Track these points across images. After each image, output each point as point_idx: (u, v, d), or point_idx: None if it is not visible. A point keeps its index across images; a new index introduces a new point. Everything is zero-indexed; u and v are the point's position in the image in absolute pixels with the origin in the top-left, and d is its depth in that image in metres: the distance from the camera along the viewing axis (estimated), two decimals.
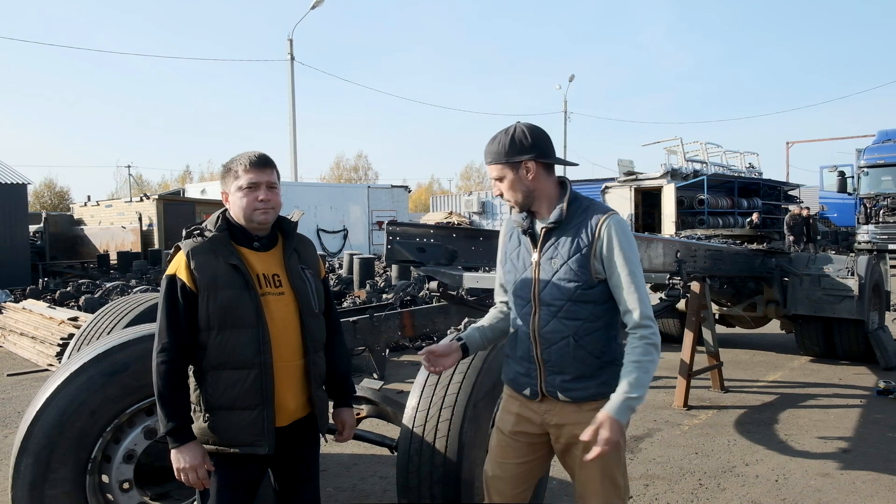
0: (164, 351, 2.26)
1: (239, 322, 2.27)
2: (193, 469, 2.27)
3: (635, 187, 19.75)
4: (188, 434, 2.29)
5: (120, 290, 11.88)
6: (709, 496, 4.22)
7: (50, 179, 57.99)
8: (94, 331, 4.42)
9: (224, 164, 2.44)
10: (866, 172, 13.98)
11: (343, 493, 4.31)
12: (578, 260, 2.29)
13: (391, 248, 4.63)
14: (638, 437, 5.34)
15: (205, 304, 2.27)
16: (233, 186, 2.35)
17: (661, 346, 2.37)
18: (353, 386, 2.75)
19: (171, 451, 2.28)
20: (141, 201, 21.70)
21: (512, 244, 2.50)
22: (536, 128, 2.37)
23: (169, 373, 2.26)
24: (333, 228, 25.70)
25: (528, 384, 2.41)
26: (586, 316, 2.30)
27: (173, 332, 2.26)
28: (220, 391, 2.28)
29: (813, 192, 27.51)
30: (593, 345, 2.31)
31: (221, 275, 2.28)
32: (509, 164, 2.34)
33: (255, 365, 2.28)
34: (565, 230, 2.33)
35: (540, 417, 2.42)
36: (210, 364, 2.29)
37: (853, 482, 4.43)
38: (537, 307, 2.36)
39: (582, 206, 2.37)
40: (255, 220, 2.35)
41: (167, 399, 2.27)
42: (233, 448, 2.31)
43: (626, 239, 2.28)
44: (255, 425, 2.29)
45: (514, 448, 2.48)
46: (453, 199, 37.73)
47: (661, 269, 5.74)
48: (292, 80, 25.32)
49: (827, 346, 7.94)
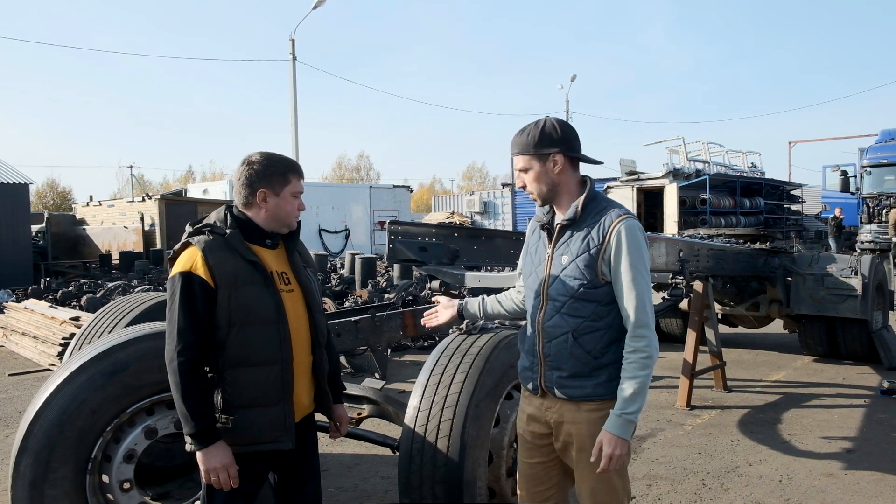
0: (186, 350, 2.22)
1: (261, 318, 2.29)
2: (225, 468, 2.24)
3: (637, 187, 19.71)
4: (215, 434, 2.25)
5: (122, 289, 11.87)
6: (712, 496, 4.20)
7: (52, 179, 58.17)
8: (95, 330, 4.41)
9: (253, 160, 2.38)
10: (869, 172, 13.94)
11: (345, 493, 4.30)
12: (586, 259, 2.30)
13: (393, 248, 4.62)
14: (641, 437, 5.32)
15: (225, 302, 2.25)
16: (284, 190, 2.40)
17: (665, 346, 2.40)
18: (342, 383, 2.83)
19: (198, 452, 2.24)
20: (143, 201, 21.70)
21: (533, 238, 2.54)
22: (566, 123, 2.43)
23: (192, 372, 2.23)
24: (335, 228, 25.71)
25: (531, 378, 2.45)
26: (587, 314, 2.31)
27: (195, 330, 2.23)
28: (241, 389, 2.27)
29: (816, 192, 27.47)
30: (592, 344, 2.31)
31: (241, 272, 2.28)
32: (537, 156, 2.36)
33: (276, 361, 2.30)
34: (579, 228, 2.34)
35: (543, 415, 2.44)
36: (229, 362, 2.27)
37: (857, 482, 4.40)
38: (545, 301, 2.39)
39: (599, 205, 2.36)
40: (292, 224, 2.47)
41: (192, 399, 2.22)
42: (256, 446, 2.30)
43: (635, 245, 2.27)
44: (277, 421, 2.30)
45: (529, 448, 2.52)
46: (455, 199, 37.76)
47: (663, 268, 5.73)
48: (294, 79, 25.30)
49: (830, 346, 7.91)
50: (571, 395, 2.34)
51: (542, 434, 2.47)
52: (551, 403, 2.41)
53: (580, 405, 2.34)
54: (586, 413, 2.33)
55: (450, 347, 3.22)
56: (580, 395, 2.33)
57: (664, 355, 8.27)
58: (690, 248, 6.15)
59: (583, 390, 2.32)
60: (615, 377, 2.29)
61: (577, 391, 2.33)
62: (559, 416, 2.39)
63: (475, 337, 3.25)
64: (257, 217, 2.40)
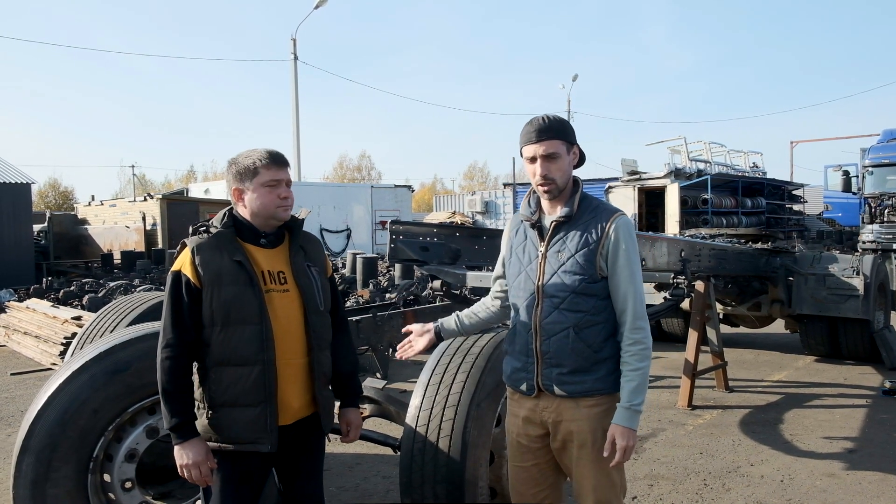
0: (168, 347, 2.26)
1: (242, 318, 2.26)
2: (196, 466, 2.25)
3: (639, 187, 19.71)
4: (192, 430, 2.28)
5: (123, 289, 11.88)
6: (714, 496, 4.20)
7: (54, 179, 58.13)
8: (97, 329, 4.42)
9: (232, 160, 2.40)
10: (871, 172, 13.88)
11: (346, 492, 4.30)
12: (585, 254, 2.32)
13: (394, 247, 4.63)
14: (642, 437, 5.32)
15: (209, 301, 2.26)
16: (253, 183, 2.34)
17: (666, 346, 2.43)
18: (359, 385, 2.73)
19: (175, 447, 2.27)
20: (144, 201, 21.72)
21: (518, 238, 2.50)
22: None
23: (173, 369, 2.26)
24: (337, 228, 25.70)
25: (525, 379, 2.42)
26: (588, 309, 2.33)
27: (178, 328, 2.26)
28: (223, 388, 2.28)
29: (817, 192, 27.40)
30: (592, 338, 2.33)
31: (225, 271, 2.27)
32: (567, 144, 2.37)
33: (257, 362, 2.27)
34: (575, 225, 2.36)
35: (538, 416, 2.43)
36: (213, 360, 2.29)
37: (859, 482, 4.40)
38: (540, 299, 2.37)
39: (591, 204, 2.41)
40: (279, 217, 2.37)
41: (171, 395, 2.26)
42: (235, 445, 2.30)
43: (631, 241, 2.34)
44: (257, 422, 2.27)
45: (523, 452, 2.50)
46: (456, 198, 37.71)
47: (665, 268, 5.72)
48: (296, 79, 25.35)
49: (832, 346, 7.90)
50: (571, 391, 2.34)
51: (538, 436, 2.46)
52: (548, 403, 2.40)
53: (579, 402, 2.35)
54: (585, 409, 2.34)
55: (451, 347, 3.22)
56: (580, 390, 2.33)
57: (666, 355, 8.26)
58: (692, 248, 6.15)
59: (583, 385, 2.33)
60: (613, 371, 2.34)
61: (577, 387, 2.33)
62: (557, 415, 2.38)
63: (476, 337, 3.24)
64: (245, 215, 2.38)
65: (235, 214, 2.40)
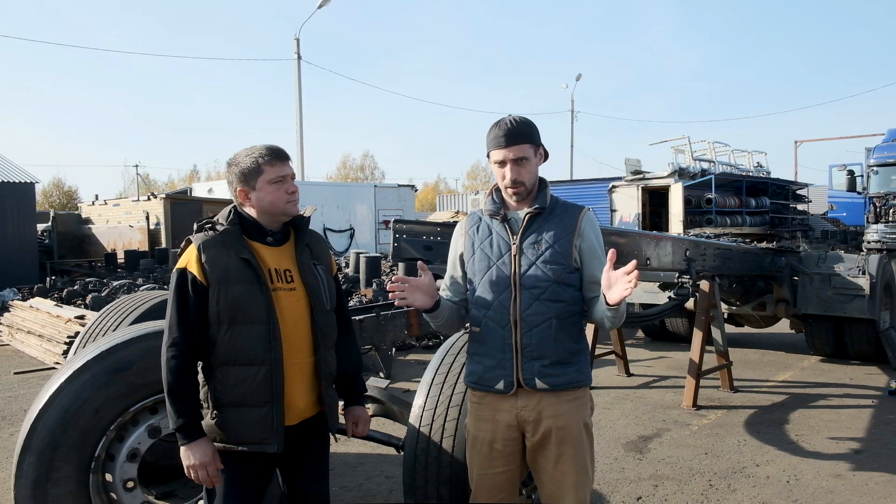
0: (174, 346, 2.22)
1: (249, 318, 2.24)
2: (203, 466, 2.22)
3: (642, 186, 19.65)
4: (198, 430, 2.24)
5: (127, 288, 11.89)
6: (719, 497, 4.17)
7: (58, 179, 58.19)
8: (100, 328, 4.41)
9: (232, 160, 2.37)
10: (876, 171, 13.81)
11: (349, 492, 4.29)
12: (563, 245, 2.36)
13: (398, 246, 4.60)
14: (647, 437, 5.29)
15: (215, 299, 2.23)
16: (258, 182, 2.31)
17: (670, 346, 2.50)
18: (364, 384, 2.71)
19: (181, 447, 2.23)
20: (148, 200, 21.77)
21: (481, 235, 2.47)
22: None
23: (179, 368, 2.22)
24: (340, 227, 25.72)
25: (502, 376, 2.37)
26: (568, 298, 2.36)
27: (184, 326, 2.22)
28: (229, 388, 2.25)
29: (822, 192, 27.30)
30: (572, 328, 2.38)
31: (233, 269, 2.24)
32: (534, 146, 2.40)
33: (264, 361, 2.24)
34: (549, 217, 2.41)
35: (514, 416, 2.37)
36: (219, 360, 2.25)
37: (866, 483, 4.37)
38: (518, 291, 2.35)
39: (559, 200, 2.48)
40: (288, 212, 2.36)
41: (177, 395, 2.22)
42: (241, 446, 2.27)
43: (598, 234, 2.46)
44: (264, 423, 2.25)
45: (493, 458, 2.42)
46: (460, 198, 37.71)
47: (670, 267, 5.70)
48: (299, 79, 25.35)
49: (837, 346, 7.87)
50: (554, 383, 2.33)
51: (514, 439, 2.40)
52: (527, 401, 2.35)
53: (560, 395, 2.35)
54: (567, 403, 2.35)
55: (455, 346, 3.20)
56: (562, 382, 2.34)
57: (670, 355, 8.24)
58: (696, 248, 6.12)
59: (565, 377, 2.35)
60: (587, 363, 2.43)
61: (559, 379, 2.34)
62: (537, 412, 2.35)
63: None
64: (252, 214, 2.36)
65: (241, 212, 2.38)
